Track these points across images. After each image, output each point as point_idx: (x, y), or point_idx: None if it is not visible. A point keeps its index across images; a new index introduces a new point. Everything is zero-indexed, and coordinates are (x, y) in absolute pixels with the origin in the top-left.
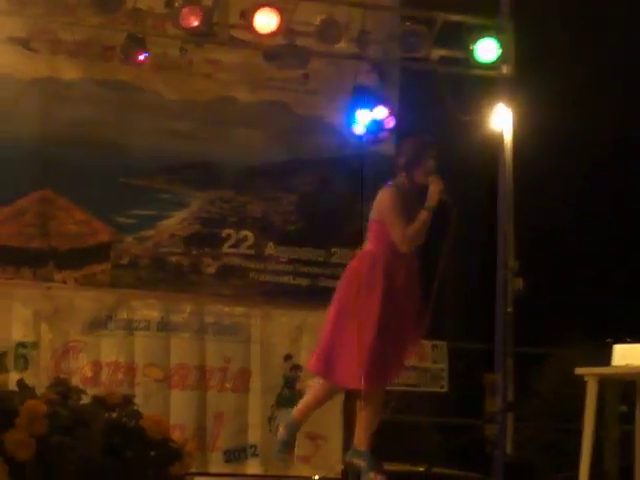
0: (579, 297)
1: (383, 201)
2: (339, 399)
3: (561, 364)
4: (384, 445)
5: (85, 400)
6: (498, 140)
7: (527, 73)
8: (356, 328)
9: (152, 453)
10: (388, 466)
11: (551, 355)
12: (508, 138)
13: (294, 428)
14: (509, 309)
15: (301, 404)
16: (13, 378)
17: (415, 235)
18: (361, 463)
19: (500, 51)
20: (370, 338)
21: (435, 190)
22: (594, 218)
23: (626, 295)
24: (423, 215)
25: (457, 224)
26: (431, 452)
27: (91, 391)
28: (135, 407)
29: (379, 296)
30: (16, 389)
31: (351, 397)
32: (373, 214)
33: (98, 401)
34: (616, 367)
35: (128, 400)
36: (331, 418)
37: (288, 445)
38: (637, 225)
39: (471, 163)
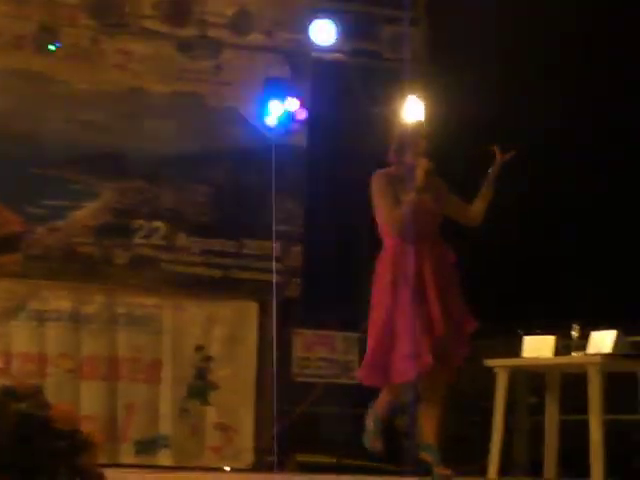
0: (491, 288)
1: (371, 190)
2: (251, 391)
3: (473, 355)
4: (296, 436)
5: None
6: None
7: (440, 64)
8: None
9: (61, 444)
10: (300, 457)
11: None
12: None
13: (378, 422)
14: None
15: (380, 401)
16: None
17: (402, 217)
18: (430, 457)
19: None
20: (377, 331)
21: (421, 170)
22: (508, 208)
23: (537, 286)
24: (409, 196)
25: None
26: (342, 443)
27: (1, 381)
28: (45, 398)
29: (388, 285)
30: None
31: (263, 389)
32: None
33: (7, 391)
34: (526, 359)
35: (38, 391)
36: (243, 410)
37: (376, 434)
38: (553, 215)
39: (382, 155)
